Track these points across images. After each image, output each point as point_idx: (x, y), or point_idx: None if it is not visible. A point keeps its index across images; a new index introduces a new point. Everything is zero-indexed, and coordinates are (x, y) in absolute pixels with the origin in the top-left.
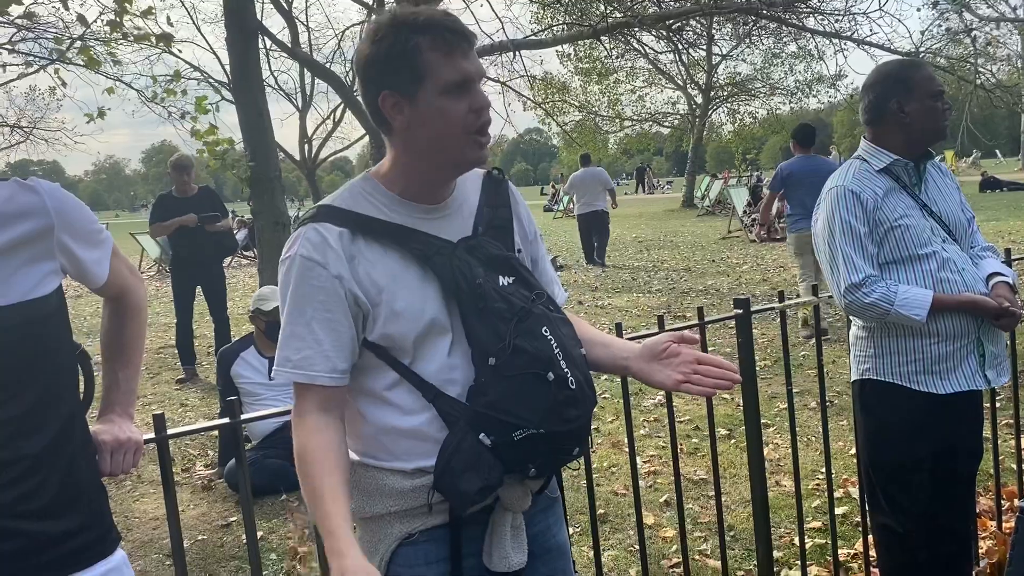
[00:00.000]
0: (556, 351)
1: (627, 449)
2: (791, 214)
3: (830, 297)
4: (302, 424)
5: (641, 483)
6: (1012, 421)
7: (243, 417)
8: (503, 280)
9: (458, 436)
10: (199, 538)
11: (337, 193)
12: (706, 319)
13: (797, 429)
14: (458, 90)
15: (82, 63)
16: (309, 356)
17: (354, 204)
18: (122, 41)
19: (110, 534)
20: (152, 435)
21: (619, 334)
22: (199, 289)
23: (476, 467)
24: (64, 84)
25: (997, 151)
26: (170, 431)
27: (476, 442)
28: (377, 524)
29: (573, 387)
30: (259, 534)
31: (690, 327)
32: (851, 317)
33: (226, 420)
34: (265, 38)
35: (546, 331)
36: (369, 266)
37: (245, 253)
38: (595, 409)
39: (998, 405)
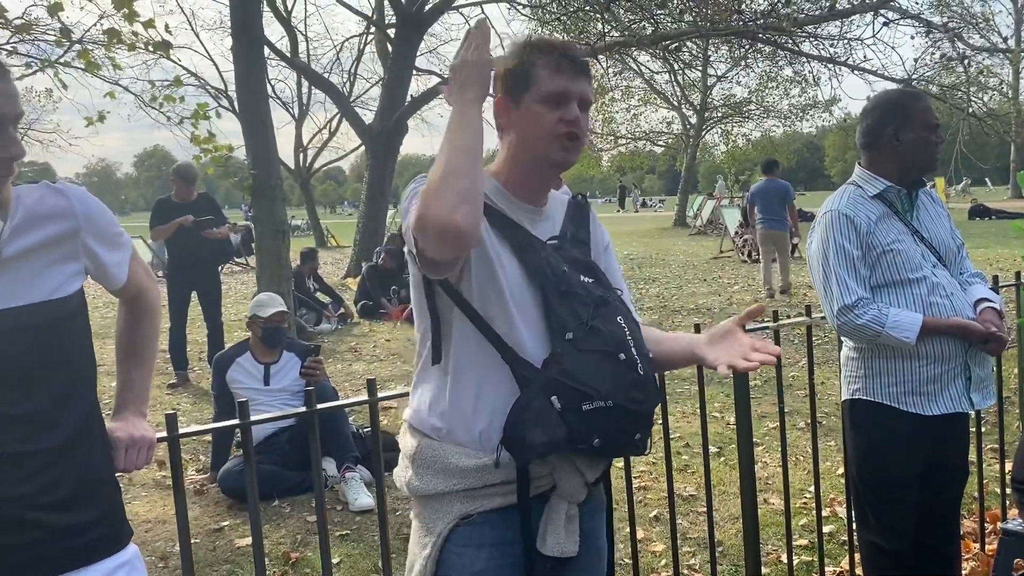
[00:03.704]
0: (628, 338)
1: (616, 463)
2: (759, 218)
3: (823, 317)
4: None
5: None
6: (997, 445)
7: (253, 419)
8: (584, 278)
9: (530, 395)
10: (191, 542)
11: None
12: None
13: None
14: (554, 101)
15: (81, 67)
16: None
17: None
18: (119, 47)
19: (124, 528)
20: (164, 434)
21: None
22: (193, 294)
23: (543, 424)
24: (65, 87)
25: (987, 179)
26: (181, 431)
27: (547, 403)
28: (439, 502)
29: (641, 373)
30: (250, 540)
31: None
32: (842, 338)
33: (236, 421)
34: (264, 47)
35: (620, 320)
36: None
37: (236, 260)
38: None
39: (983, 429)
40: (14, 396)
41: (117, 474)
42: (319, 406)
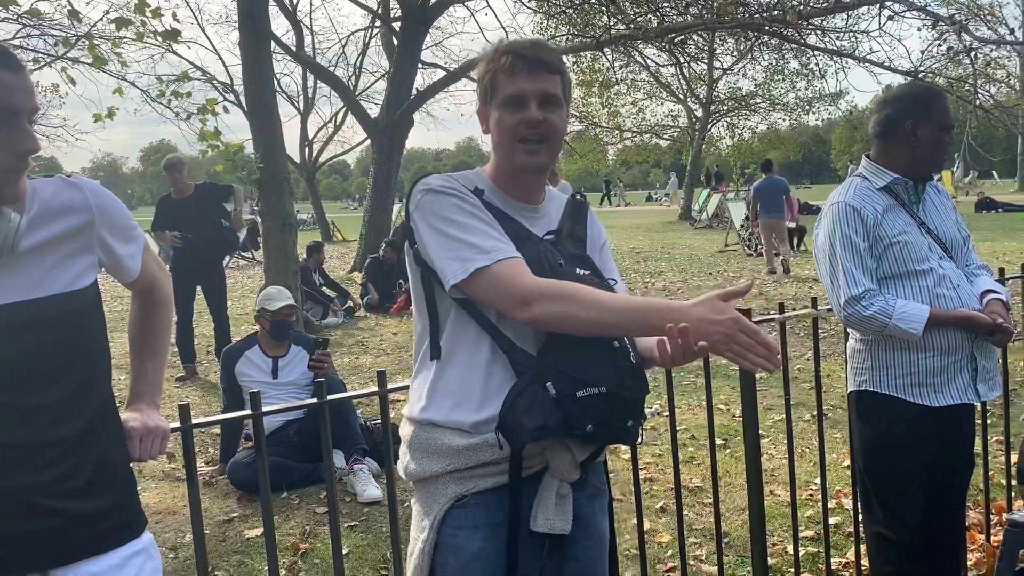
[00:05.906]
0: None
1: (623, 456)
2: (762, 210)
3: (829, 310)
4: (533, 286)
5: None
6: (1002, 437)
7: (265, 410)
8: (580, 271)
9: (526, 382)
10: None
11: (450, 173)
12: None
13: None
14: (512, 105)
15: (88, 62)
16: (496, 244)
17: (467, 181)
18: (127, 39)
19: (139, 516)
20: (177, 424)
21: None
22: (199, 288)
23: (537, 409)
24: (73, 83)
25: (994, 172)
26: (194, 421)
27: (542, 389)
28: (434, 485)
29: (634, 361)
30: (259, 531)
31: None
32: (849, 330)
33: (247, 412)
34: (271, 41)
35: None
36: None
37: (243, 254)
38: None
39: (989, 421)
40: (32, 387)
41: (130, 464)
42: (329, 397)
